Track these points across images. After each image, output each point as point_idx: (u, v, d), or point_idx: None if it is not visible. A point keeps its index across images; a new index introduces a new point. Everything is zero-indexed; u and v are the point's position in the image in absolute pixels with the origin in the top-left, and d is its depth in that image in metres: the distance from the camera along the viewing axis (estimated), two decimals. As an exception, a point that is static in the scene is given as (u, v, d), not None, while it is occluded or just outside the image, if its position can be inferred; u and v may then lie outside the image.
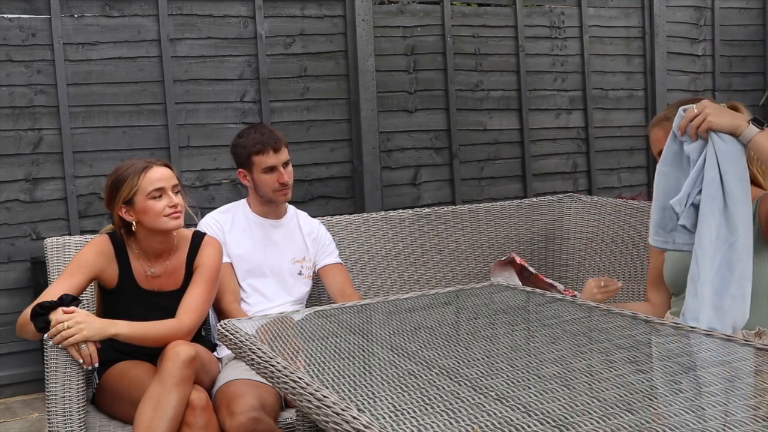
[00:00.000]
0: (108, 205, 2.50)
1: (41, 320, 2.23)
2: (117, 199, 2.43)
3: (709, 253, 1.92)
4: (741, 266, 1.91)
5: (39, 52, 3.85)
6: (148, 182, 2.40)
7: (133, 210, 2.43)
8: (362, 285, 3.12)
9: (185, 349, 2.25)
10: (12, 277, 3.86)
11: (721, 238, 1.92)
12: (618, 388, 1.41)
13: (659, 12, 5.20)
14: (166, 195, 2.43)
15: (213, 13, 4.16)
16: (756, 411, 1.26)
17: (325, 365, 1.60)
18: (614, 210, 3.21)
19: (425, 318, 2.01)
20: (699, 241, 1.94)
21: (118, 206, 2.43)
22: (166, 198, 2.42)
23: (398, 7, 4.59)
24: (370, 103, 4.40)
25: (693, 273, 1.95)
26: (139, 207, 2.41)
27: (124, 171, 2.44)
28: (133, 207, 2.42)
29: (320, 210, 4.31)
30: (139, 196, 2.40)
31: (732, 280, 1.91)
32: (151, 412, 2.18)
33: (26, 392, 3.90)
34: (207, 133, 4.15)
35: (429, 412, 1.30)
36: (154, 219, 2.42)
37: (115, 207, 2.45)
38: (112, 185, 2.45)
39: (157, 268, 2.52)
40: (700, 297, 1.92)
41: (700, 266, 1.93)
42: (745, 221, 1.93)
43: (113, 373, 2.44)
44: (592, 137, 5.10)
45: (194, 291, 2.48)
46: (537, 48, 4.94)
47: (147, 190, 2.40)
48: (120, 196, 2.42)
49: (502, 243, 3.35)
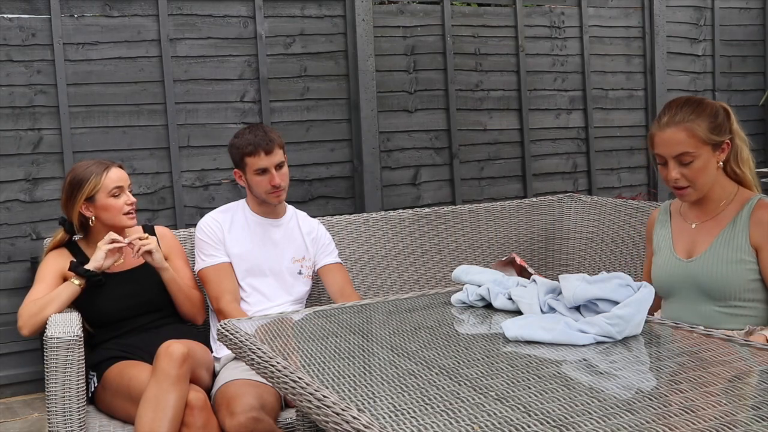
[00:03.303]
0: (66, 204, 2.65)
1: (83, 271, 2.51)
2: (79, 195, 2.59)
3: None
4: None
5: (39, 52, 3.85)
6: (110, 181, 2.60)
7: (94, 206, 2.60)
8: (362, 285, 3.12)
9: (178, 347, 2.27)
10: (12, 277, 3.86)
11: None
12: (619, 388, 1.42)
13: (659, 12, 5.20)
14: (124, 193, 2.63)
15: (213, 13, 4.15)
16: (756, 411, 1.26)
17: (325, 365, 1.60)
18: (614, 210, 3.21)
19: (425, 318, 2.01)
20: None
21: (79, 203, 2.59)
22: (124, 196, 2.63)
23: (398, 7, 4.59)
24: (370, 103, 4.40)
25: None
26: (100, 204, 2.60)
27: (85, 169, 2.62)
28: (93, 203, 2.60)
29: (320, 210, 4.31)
30: (101, 194, 2.59)
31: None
32: (152, 414, 2.18)
33: (26, 392, 3.90)
34: (207, 133, 4.15)
35: (429, 412, 1.30)
36: (114, 216, 2.61)
37: (75, 204, 2.60)
38: (72, 183, 2.61)
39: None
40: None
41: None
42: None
43: (113, 373, 2.44)
44: (592, 137, 5.10)
45: (182, 273, 2.72)
46: (537, 48, 4.94)
47: (109, 188, 2.60)
48: (82, 193, 2.58)
49: (502, 243, 3.35)
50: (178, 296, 2.67)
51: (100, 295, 2.58)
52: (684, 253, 2.21)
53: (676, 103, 2.16)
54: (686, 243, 2.22)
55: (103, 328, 2.61)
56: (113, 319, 2.60)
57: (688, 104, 2.13)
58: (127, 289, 2.62)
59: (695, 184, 2.12)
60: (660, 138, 2.13)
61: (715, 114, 2.13)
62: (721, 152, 2.13)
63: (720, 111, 2.15)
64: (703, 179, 2.12)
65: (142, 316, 2.63)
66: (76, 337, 2.24)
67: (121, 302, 2.60)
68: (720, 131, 2.12)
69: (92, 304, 2.58)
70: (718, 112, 2.14)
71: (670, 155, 2.12)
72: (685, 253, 2.21)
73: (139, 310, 2.64)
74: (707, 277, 2.13)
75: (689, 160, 2.09)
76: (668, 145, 2.11)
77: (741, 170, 2.20)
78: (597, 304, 1.78)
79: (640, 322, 1.72)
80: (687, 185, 2.13)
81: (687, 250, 2.20)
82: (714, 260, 2.13)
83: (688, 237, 2.23)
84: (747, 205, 2.15)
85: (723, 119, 2.14)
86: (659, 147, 2.14)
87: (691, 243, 2.21)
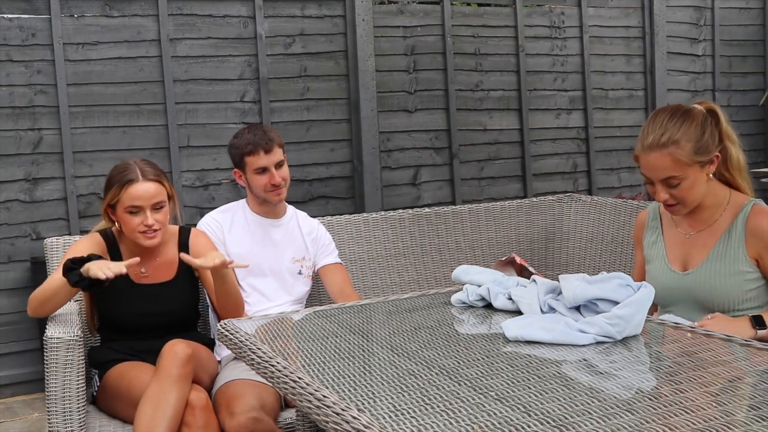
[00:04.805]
0: (104, 201, 2.57)
1: (75, 274, 2.29)
2: (106, 196, 2.52)
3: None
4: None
5: (39, 52, 3.85)
6: (127, 198, 2.45)
7: (114, 214, 2.52)
8: (362, 285, 3.12)
9: (182, 347, 2.26)
10: (12, 277, 3.86)
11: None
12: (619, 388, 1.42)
13: (659, 12, 5.20)
14: (143, 213, 2.46)
15: (213, 13, 4.16)
16: (756, 411, 1.26)
17: (325, 365, 1.60)
18: (614, 210, 3.21)
19: (425, 318, 2.01)
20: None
21: (105, 204, 2.52)
22: (141, 216, 2.46)
23: (398, 7, 4.59)
24: (370, 103, 4.40)
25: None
26: (118, 215, 2.50)
27: (115, 175, 2.51)
28: (114, 212, 2.52)
29: (320, 210, 4.31)
30: (119, 207, 2.48)
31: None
32: (151, 412, 2.18)
33: (26, 392, 3.90)
34: (207, 133, 4.15)
35: (429, 412, 1.30)
36: (129, 232, 2.50)
37: (104, 203, 2.53)
38: (106, 184, 2.54)
39: (147, 267, 2.56)
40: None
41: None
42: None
43: (114, 374, 2.44)
44: (592, 137, 5.10)
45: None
46: (537, 48, 4.94)
47: (125, 204, 2.46)
48: (107, 198, 2.51)
49: (502, 243, 3.35)
50: (225, 298, 2.51)
51: (125, 302, 2.50)
52: (679, 265, 2.15)
53: (661, 119, 2.04)
54: (680, 254, 2.16)
55: (116, 330, 2.56)
56: (130, 326, 2.53)
57: (672, 119, 2.02)
58: (151, 303, 2.52)
59: (685, 201, 2.06)
60: (644, 161, 2.04)
61: (702, 129, 2.02)
62: (710, 165, 2.05)
63: (707, 121, 2.03)
64: (692, 197, 2.05)
65: (161, 329, 2.54)
66: (76, 337, 2.24)
67: (144, 314, 2.51)
68: (706, 149, 2.02)
69: (113, 307, 2.51)
70: (705, 124, 2.03)
71: (656, 179, 2.04)
72: (680, 265, 2.15)
73: (161, 323, 2.54)
74: (705, 290, 2.08)
75: (676, 182, 2.02)
76: (653, 169, 2.03)
77: (731, 174, 2.12)
78: (597, 304, 1.78)
79: (640, 322, 1.72)
80: (676, 203, 2.07)
81: (682, 262, 2.15)
82: (711, 274, 2.08)
83: (683, 248, 2.16)
84: (741, 213, 2.08)
85: (711, 131, 2.03)
86: (644, 169, 2.06)
87: (685, 254, 2.15)
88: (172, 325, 2.56)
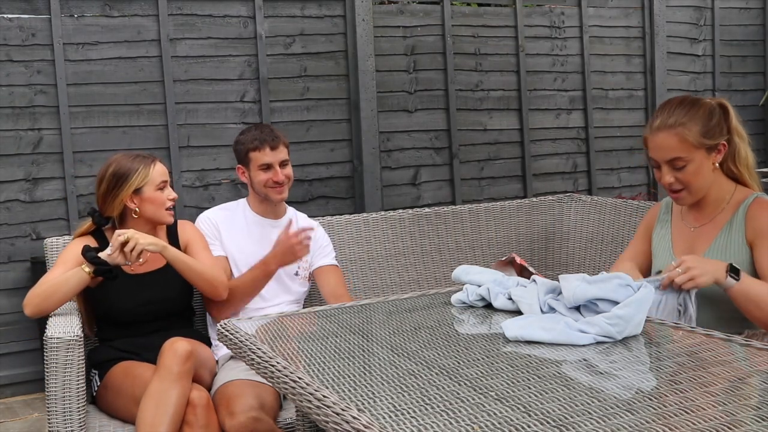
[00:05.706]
0: (105, 196, 2.56)
1: (92, 256, 2.39)
2: (125, 186, 2.52)
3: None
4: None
5: (39, 52, 3.85)
6: (158, 174, 2.57)
7: (139, 198, 2.55)
8: (362, 285, 3.12)
9: (182, 344, 2.27)
10: (12, 277, 3.86)
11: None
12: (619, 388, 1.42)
13: (659, 12, 5.20)
14: (167, 188, 2.60)
15: (213, 13, 4.16)
16: (756, 411, 1.26)
17: (325, 365, 1.60)
18: (614, 210, 3.21)
19: (425, 318, 2.01)
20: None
21: (125, 194, 2.52)
22: (167, 190, 2.59)
23: (398, 7, 4.59)
24: (370, 103, 4.40)
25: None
26: (146, 196, 2.55)
27: (131, 162, 2.55)
28: (140, 195, 2.54)
29: (320, 210, 4.31)
30: (149, 186, 2.54)
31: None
32: (153, 410, 2.19)
33: (26, 392, 3.90)
34: (207, 133, 4.15)
35: (429, 412, 1.30)
36: (157, 209, 2.57)
37: (120, 195, 2.53)
38: (116, 174, 2.54)
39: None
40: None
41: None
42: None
43: (115, 373, 2.44)
44: (592, 137, 5.10)
45: (201, 257, 2.63)
46: (537, 48, 4.94)
47: (156, 181, 2.55)
48: (130, 184, 2.52)
49: (502, 243, 3.35)
50: (189, 275, 2.54)
51: (117, 293, 2.53)
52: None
53: (670, 105, 2.11)
54: (685, 246, 2.20)
55: (114, 326, 2.58)
56: (126, 319, 2.55)
57: (681, 105, 2.09)
58: (145, 291, 2.56)
59: (690, 187, 2.09)
60: (652, 142, 2.10)
61: (710, 115, 2.08)
62: (717, 153, 2.10)
63: (716, 111, 2.10)
64: (697, 183, 2.09)
65: (157, 321, 2.58)
66: (76, 337, 2.24)
67: (138, 303, 2.54)
68: (714, 134, 2.07)
69: (107, 300, 2.53)
70: (714, 112, 2.09)
71: (662, 160, 2.09)
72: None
73: (156, 313, 2.57)
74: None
75: (682, 164, 2.07)
76: (660, 150, 2.09)
77: (738, 169, 2.16)
78: (597, 304, 1.78)
79: (640, 322, 1.72)
80: (681, 188, 2.10)
81: (685, 254, 2.15)
82: None
83: (687, 240, 2.20)
84: (742, 205, 2.12)
85: (719, 120, 2.09)
86: (652, 151, 2.11)
87: (689, 247, 2.19)
88: (167, 315, 2.60)
